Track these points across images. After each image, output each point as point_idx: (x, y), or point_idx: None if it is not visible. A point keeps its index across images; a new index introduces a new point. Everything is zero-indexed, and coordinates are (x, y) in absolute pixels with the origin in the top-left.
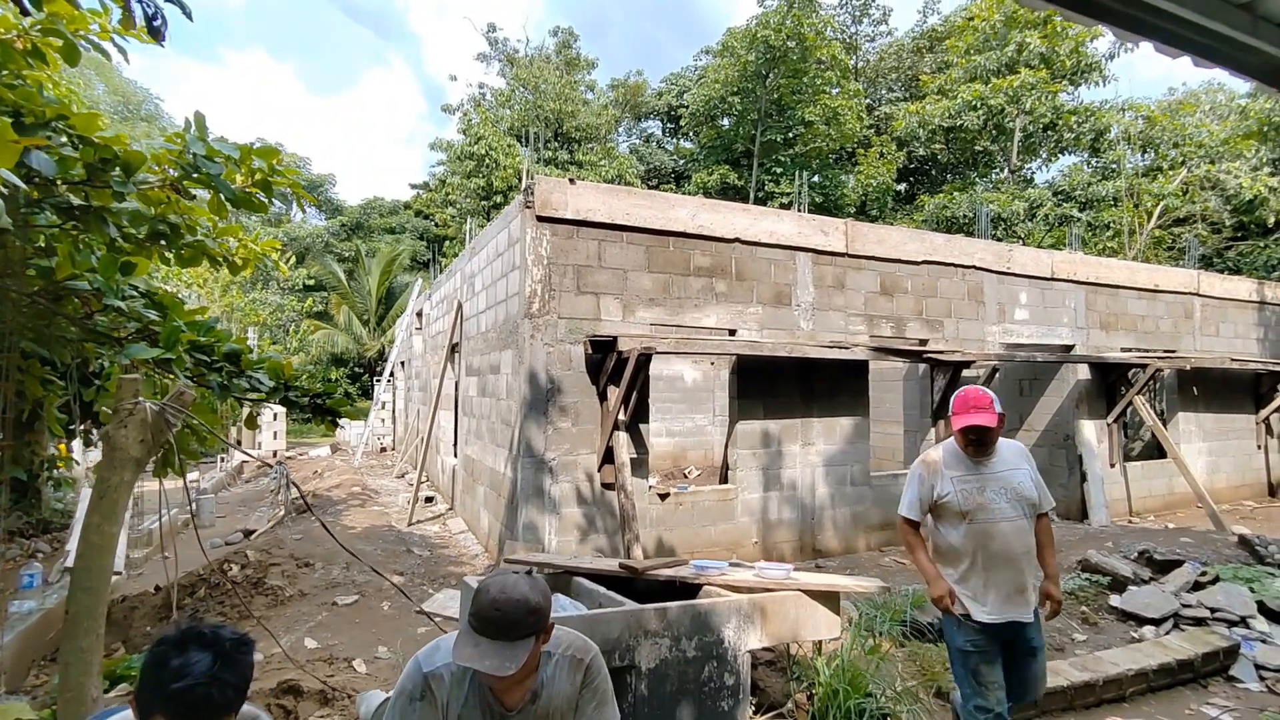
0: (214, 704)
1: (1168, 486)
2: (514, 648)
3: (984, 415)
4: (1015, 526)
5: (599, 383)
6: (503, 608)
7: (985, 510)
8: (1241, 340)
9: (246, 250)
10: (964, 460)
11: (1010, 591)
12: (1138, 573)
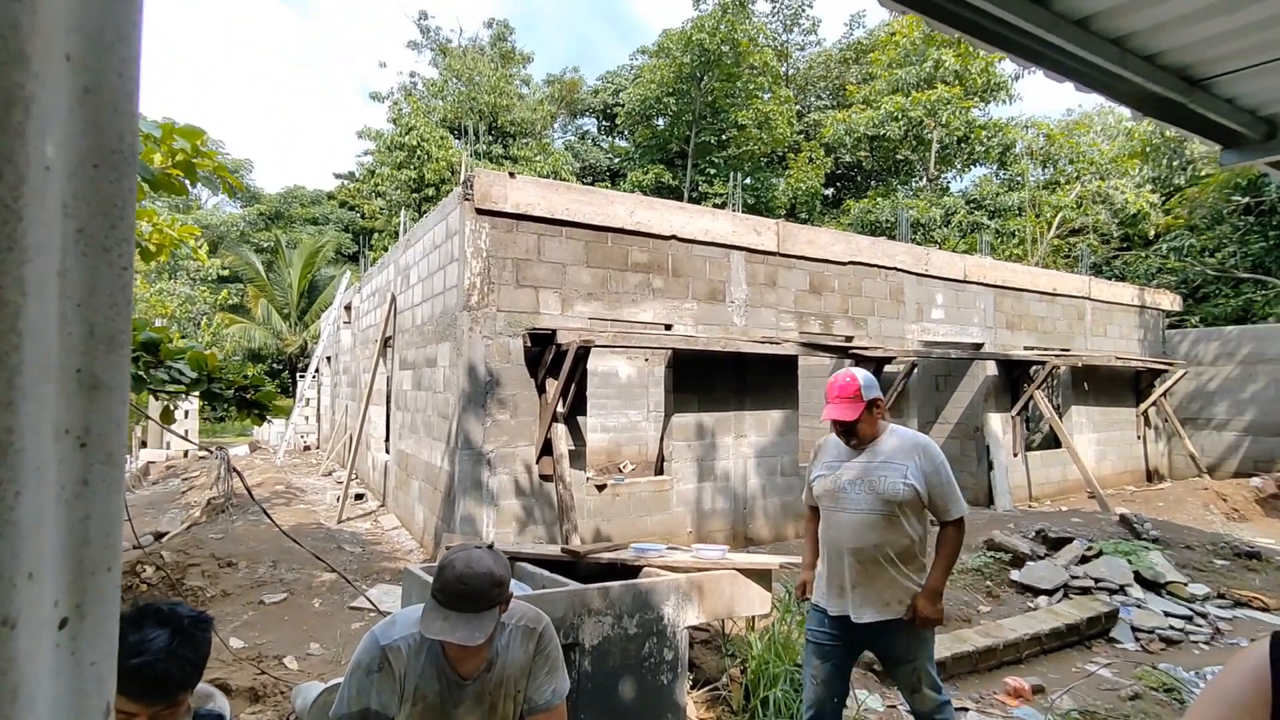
0: (172, 680)
1: (1062, 473)
2: (480, 618)
3: (843, 408)
4: (859, 521)
5: (538, 375)
6: (469, 581)
7: (835, 499)
8: (1125, 340)
9: (162, 236)
10: (841, 447)
11: (843, 586)
12: (1035, 550)
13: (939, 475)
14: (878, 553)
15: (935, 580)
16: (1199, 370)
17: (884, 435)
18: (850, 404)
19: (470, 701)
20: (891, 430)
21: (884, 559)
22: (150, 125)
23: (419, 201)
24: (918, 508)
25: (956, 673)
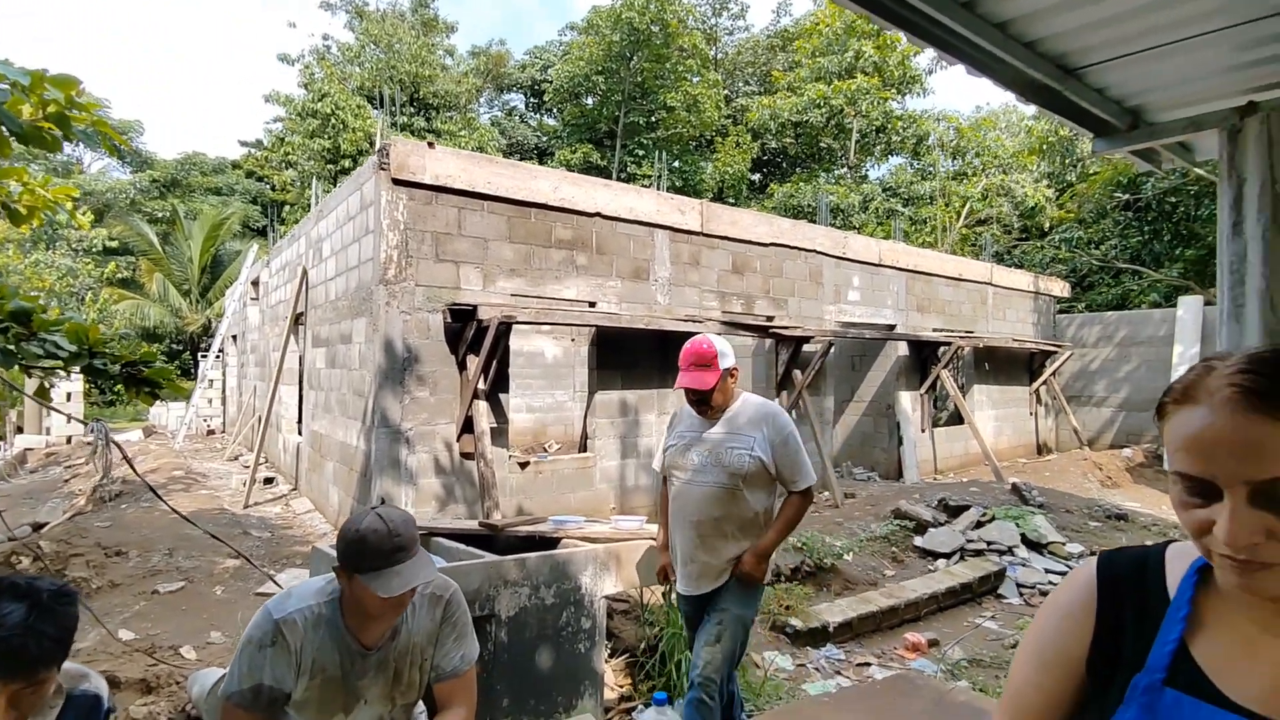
0: (29, 655)
1: (965, 448)
2: (422, 557)
3: (698, 376)
4: (703, 494)
5: (458, 352)
6: (400, 530)
7: (682, 471)
8: (1021, 324)
9: (34, 197)
10: (694, 417)
11: (687, 559)
12: (936, 517)
13: (786, 446)
14: (720, 526)
15: (766, 542)
16: (1083, 352)
17: (735, 404)
18: (706, 372)
19: (374, 672)
20: (743, 399)
21: (726, 533)
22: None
23: (335, 174)
24: (765, 479)
25: (862, 631)
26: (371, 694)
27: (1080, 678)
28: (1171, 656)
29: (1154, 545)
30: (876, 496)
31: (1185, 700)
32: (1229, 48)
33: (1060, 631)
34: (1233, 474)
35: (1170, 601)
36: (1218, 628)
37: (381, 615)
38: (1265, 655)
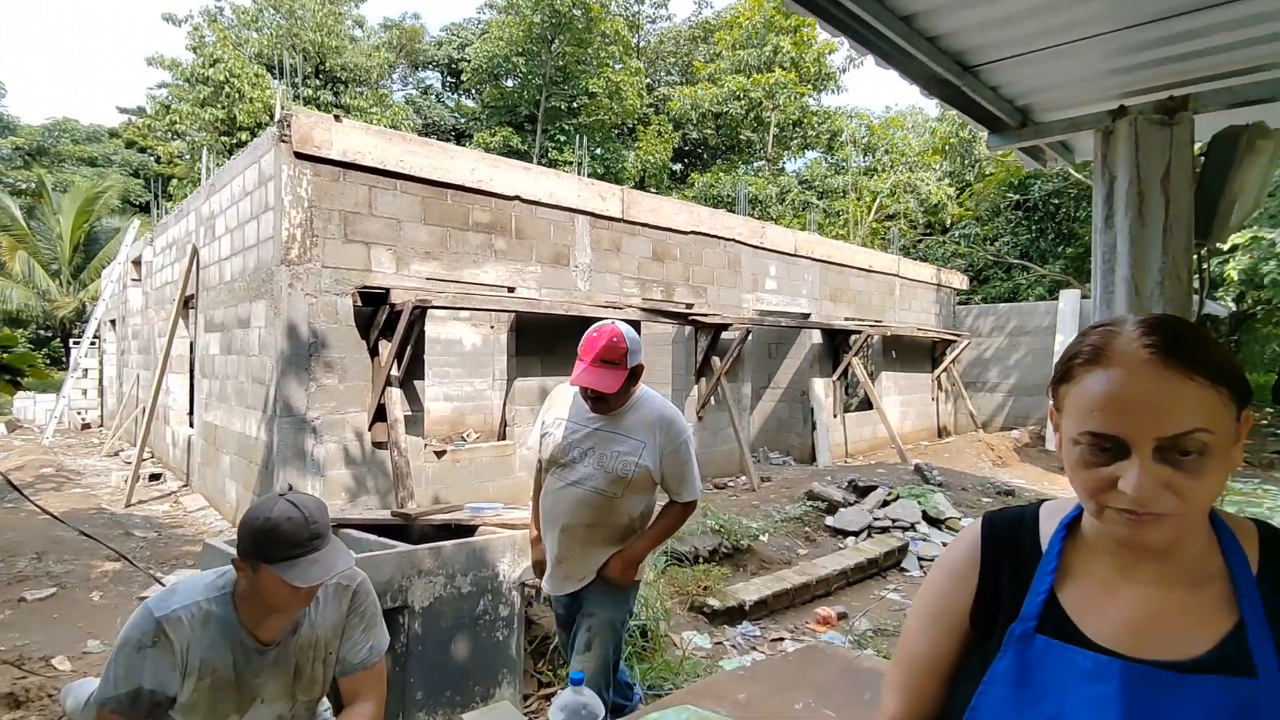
0: None
1: (873, 432)
2: (337, 545)
3: (604, 377)
4: (579, 496)
5: (370, 337)
6: (315, 518)
7: (562, 467)
8: (925, 314)
9: None
10: (580, 404)
11: (555, 561)
12: (846, 498)
13: (677, 455)
14: (591, 533)
15: (638, 550)
16: (979, 341)
17: (632, 400)
18: (611, 371)
19: (271, 668)
20: (642, 396)
21: (597, 540)
22: None
23: (230, 147)
24: (649, 486)
25: (777, 608)
26: (269, 692)
27: (964, 630)
28: (1042, 606)
29: (1029, 505)
30: (791, 479)
31: (1053, 644)
32: (1103, 54)
33: (947, 588)
34: (1144, 430)
35: (1042, 555)
36: (1082, 577)
37: (286, 608)
38: (1122, 599)
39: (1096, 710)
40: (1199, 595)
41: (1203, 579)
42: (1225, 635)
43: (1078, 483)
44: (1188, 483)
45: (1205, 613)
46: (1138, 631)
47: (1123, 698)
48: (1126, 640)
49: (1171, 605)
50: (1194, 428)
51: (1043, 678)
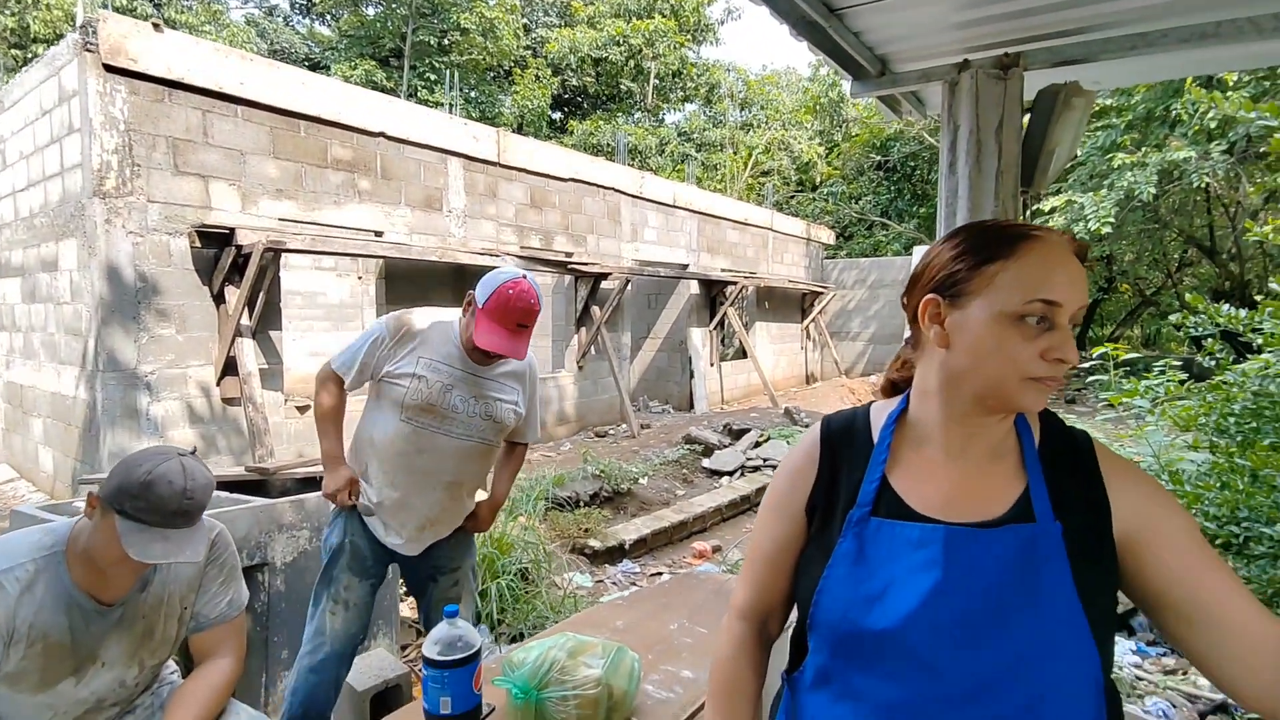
0: None
1: (747, 380)
2: (199, 530)
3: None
4: (466, 449)
5: (213, 283)
6: (195, 494)
7: (438, 416)
8: (795, 267)
9: None
10: (452, 343)
11: (423, 523)
12: (722, 440)
13: (535, 399)
14: (470, 485)
15: (500, 493)
16: (844, 293)
17: None
18: (522, 337)
19: (116, 630)
20: None
21: (472, 490)
22: None
23: (23, 61)
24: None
25: (656, 546)
26: (112, 655)
27: (801, 523)
28: (876, 491)
29: (860, 406)
30: (670, 426)
31: (885, 523)
32: (951, 7)
33: (790, 485)
34: (1075, 301)
35: (874, 446)
36: (910, 462)
37: (107, 568)
38: (944, 476)
39: (923, 570)
40: (999, 467)
41: (1003, 454)
42: (1018, 497)
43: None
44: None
45: (1004, 481)
46: (954, 502)
47: (944, 555)
48: (946, 510)
49: (979, 478)
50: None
51: (876, 553)
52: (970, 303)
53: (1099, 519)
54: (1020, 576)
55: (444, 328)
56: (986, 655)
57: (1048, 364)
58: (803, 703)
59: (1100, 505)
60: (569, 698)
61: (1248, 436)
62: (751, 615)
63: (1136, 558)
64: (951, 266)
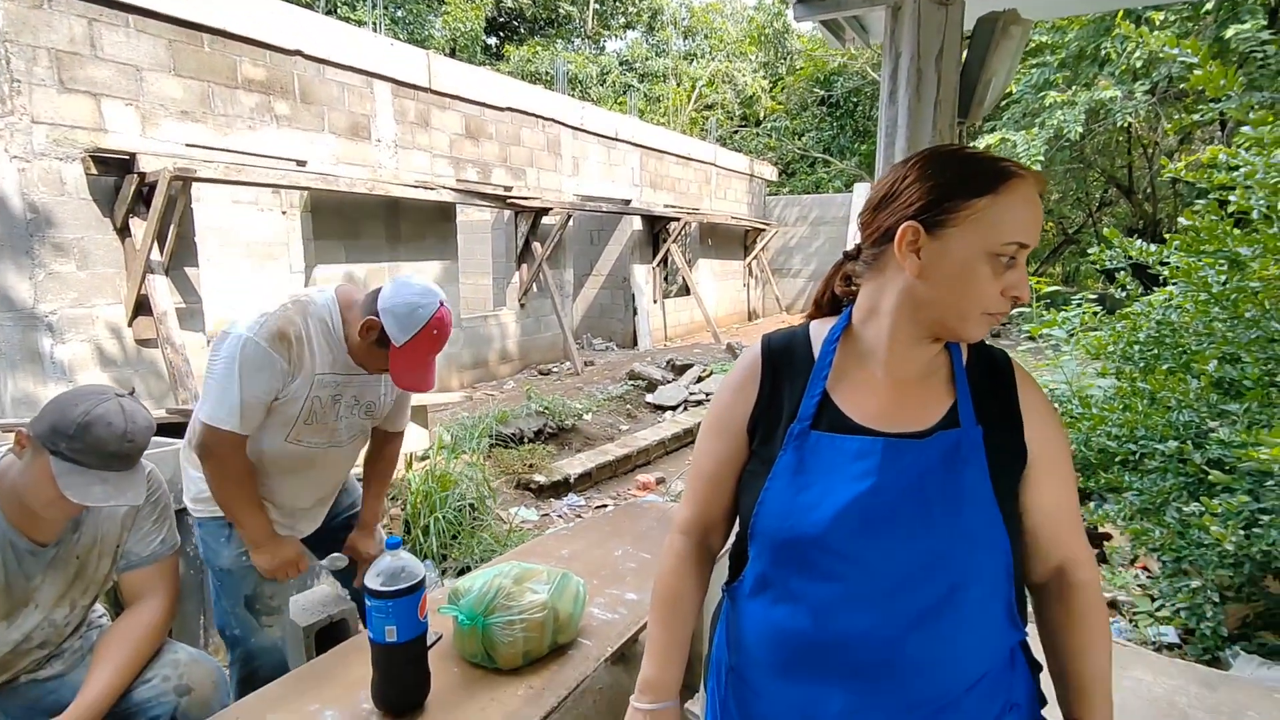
0: None
1: (690, 316)
2: (139, 472)
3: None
4: (350, 451)
5: (116, 215)
6: (136, 438)
7: (330, 431)
8: (738, 204)
9: None
10: (336, 352)
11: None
12: (665, 376)
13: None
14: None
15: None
16: (785, 230)
17: None
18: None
19: (49, 570)
20: None
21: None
22: None
23: None
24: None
25: (600, 479)
26: (44, 596)
27: (743, 440)
28: (817, 406)
29: (800, 325)
30: (614, 363)
31: (824, 437)
32: None
33: (731, 403)
34: (1033, 239)
35: (815, 363)
36: (850, 378)
37: (42, 509)
38: (882, 391)
39: (859, 479)
40: (931, 381)
41: (935, 369)
42: (947, 410)
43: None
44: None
45: (935, 395)
46: (891, 415)
47: (879, 465)
48: (882, 422)
49: (914, 393)
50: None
51: (816, 465)
52: (950, 235)
53: (1013, 429)
54: (944, 477)
55: (323, 329)
56: (913, 550)
57: (1005, 300)
58: (742, 609)
59: (1014, 418)
60: (515, 622)
61: (1149, 363)
62: (693, 531)
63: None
64: (934, 195)
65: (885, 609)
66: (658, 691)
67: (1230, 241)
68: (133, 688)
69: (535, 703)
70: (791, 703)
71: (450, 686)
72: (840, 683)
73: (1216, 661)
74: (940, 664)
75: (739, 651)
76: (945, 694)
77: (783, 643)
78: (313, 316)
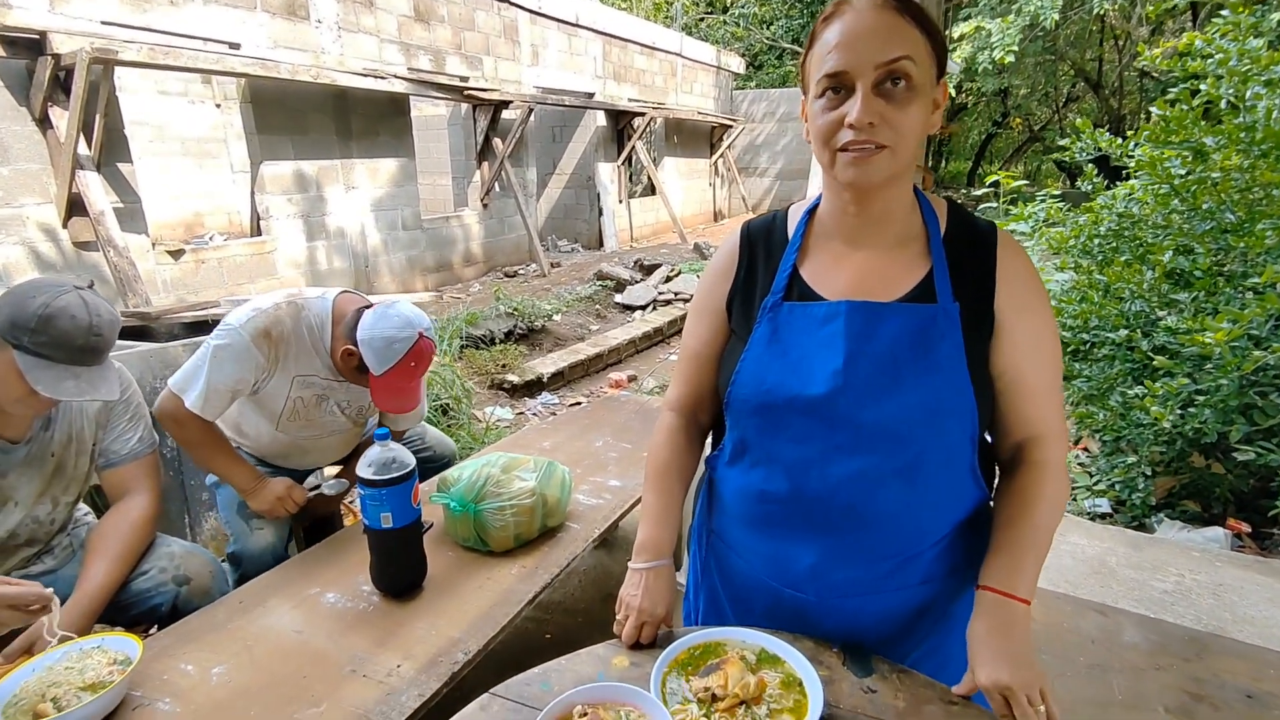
0: None
1: (656, 217)
2: (108, 368)
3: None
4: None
5: (33, 104)
6: (103, 330)
7: (319, 426)
8: (705, 99)
9: None
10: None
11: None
12: (634, 276)
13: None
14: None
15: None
16: (753, 127)
17: None
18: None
19: (23, 468)
20: None
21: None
22: None
23: None
24: None
25: (573, 378)
26: (22, 494)
27: (723, 319)
28: (787, 280)
29: (779, 209)
30: (580, 264)
31: (796, 306)
32: None
33: (712, 285)
34: (866, 59)
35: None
36: (818, 253)
37: (12, 407)
38: (847, 265)
39: (828, 343)
40: (904, 252)
41: (907, 240)
42: (921, 280)
43: (817, 137)
44: (898, 114)
45: (908, 265)
46: (859, 285)
47: (845, 327)
48: (850, 292)
49: (884, 263)
50: (903, 54)
51: (789, 333)
52: (808, 94)
53: (986, 299)
54: (918, 348)
55: (312, 336)
56: (882, 412)
57: (847, 130)
58: (721, 476)
59: (988, 287)
60: (505, 508)
61: (1108, 256)
62: (681, 407)
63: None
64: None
65: (856, 468)
66: (653, 550)
67: (1197, 131)
68: (130, 579)
69: (528, 580)
70: (767, 557)
71: (446, 568)
72: (813, 538)
73: (1143, 527)
74: (906, 520)
75: (718, 515)
76: (909, 548)
77: (759, 501)
78: (303, 321)
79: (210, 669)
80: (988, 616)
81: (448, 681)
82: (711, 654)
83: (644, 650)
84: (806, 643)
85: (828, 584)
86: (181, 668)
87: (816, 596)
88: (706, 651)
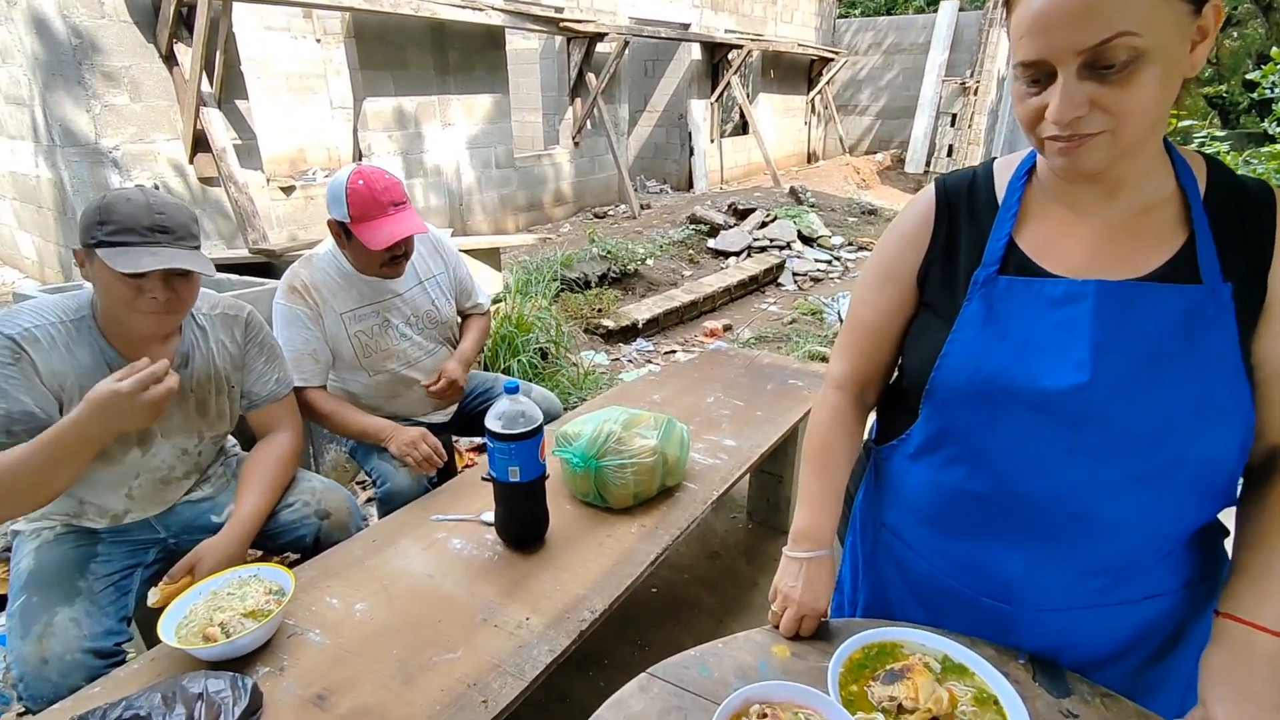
0: None
1: (748, 157)
2: (197, 255)
3: (408, 218)
4: (435, 361)
5: (159, 40)
6: (164, 210)
7: (400, 356)
8: (806, 29)
9: None
10: (356, 284)
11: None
12: (727, 220)
13: (460, 268)
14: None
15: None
16: (855, 60)
17: None
18: (410, 212)
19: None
20: None
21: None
22: None
23: None
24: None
25: (667, 325)
26: (169, 426)
27: (911, 290)
28: (1004, 250)
29: (981, 164)
30: (670, 206)
31: (1017, 281)
32: None
33: (899, 251)
34: (1065, 46)
35: (999, 206)
36: (1039, 220)
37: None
38: (1077, 234)
39: (1065, 330)
40: (1152, 217)
41: (1156, 203)
42: (1177, 251)
43: (1021, 118)
44: (1116, 96)
45: (1159, 232)
46: (1097, 260)
47: (1094, 313)
48: (1089, 269)
49: (1125, 231)
50: (1116, 33)
51: (1008, 313)
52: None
53: (1260, 276)
54: (1182, 339)
55: (332, 271)
56: (1135, 412)
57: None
58: (901, 468)
59: (1264, 264)
60: (626, 466)
61: None
62: (849, 385)
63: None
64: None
65: (1092, 472)
66: (814, 540)
67: None
68: (278, 510)
69: (649, 540)
70: (959, 562)
71: (567, 523)
72: (1021, 545)
73: None
74: (1143, 532)
75: (893, 508)
76: (1137, 561)
77: (955, 501)
78: (315, 265)
79: (353, 604)
80: (1228, 648)
81: (576, 639)
82: (889, 656)
83: (804, 641)
84: (988, 649)
85: (1036, 596)
86: (328, 601)
87: (1021, 608)
88: (882, 653)
